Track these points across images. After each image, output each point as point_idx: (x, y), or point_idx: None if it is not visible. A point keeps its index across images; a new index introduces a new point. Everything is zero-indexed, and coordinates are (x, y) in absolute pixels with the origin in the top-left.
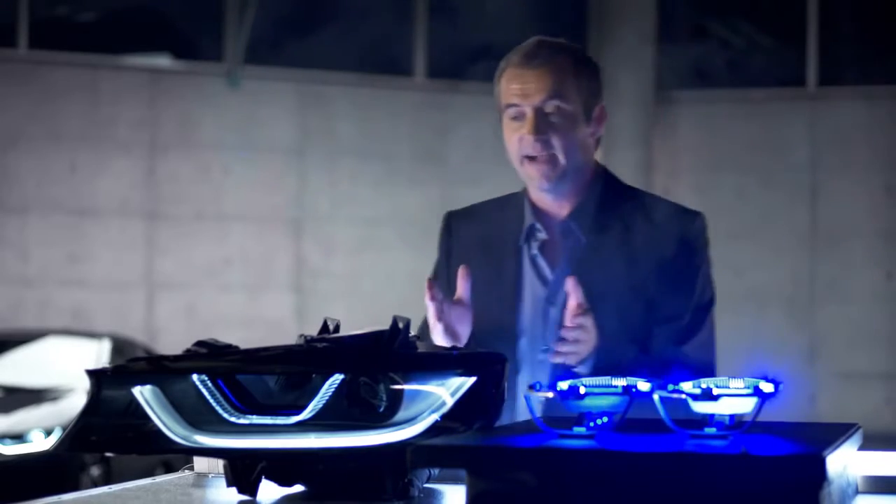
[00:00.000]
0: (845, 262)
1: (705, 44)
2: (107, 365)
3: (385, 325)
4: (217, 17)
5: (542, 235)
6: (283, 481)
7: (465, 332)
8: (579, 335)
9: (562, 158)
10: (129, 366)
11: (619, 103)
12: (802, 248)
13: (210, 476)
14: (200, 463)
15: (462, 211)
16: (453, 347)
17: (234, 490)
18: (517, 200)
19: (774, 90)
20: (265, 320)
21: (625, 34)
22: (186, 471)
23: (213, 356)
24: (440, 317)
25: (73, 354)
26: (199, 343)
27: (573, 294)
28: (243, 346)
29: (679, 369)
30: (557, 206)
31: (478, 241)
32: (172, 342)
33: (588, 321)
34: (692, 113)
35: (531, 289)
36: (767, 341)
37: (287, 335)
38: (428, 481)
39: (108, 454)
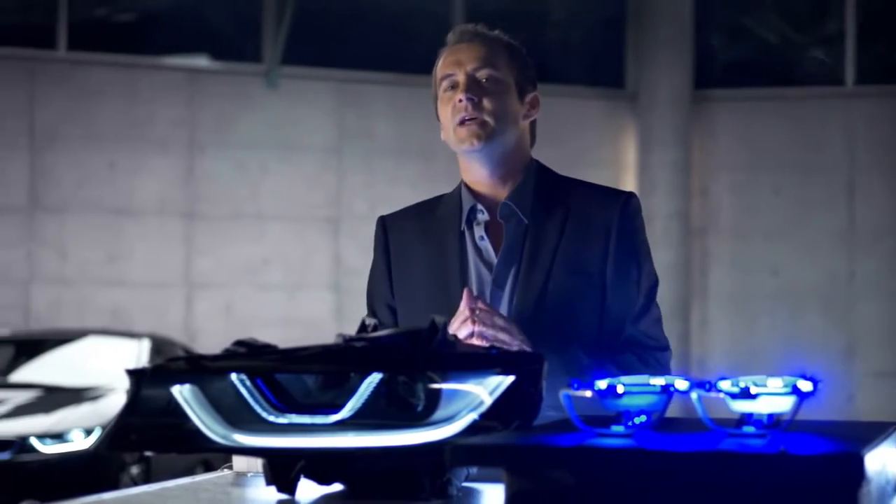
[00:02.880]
0: (882, 260)
1: (742, 42)
2: (146, 364)
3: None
4: (255, 17)
5: (483, 217)
6: (322, 480)
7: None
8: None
9: (491, 121)
10: (169, 365)
11: (656, 103)
12: (840, 246)
13: (249, 475)
14: (239, 462)
15: (396, 213)
16: (491, 346)
17: (273, 489)
18: (452, 193)
19: (812, 88)
20: (303, 320)
21: (662, 33)
22: (226, 470)
23: (251, 355)
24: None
25: (113, 354)
26: (238, 342)
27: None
28: (281, 345)
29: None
30: (494, 188)
31: (416, 235)
32: (211, 342)
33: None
34: (729, 112)
35: (476, 273)
36: (805, 340)
37: (325, 334)
38: (466, 480)
39: (148, 453)
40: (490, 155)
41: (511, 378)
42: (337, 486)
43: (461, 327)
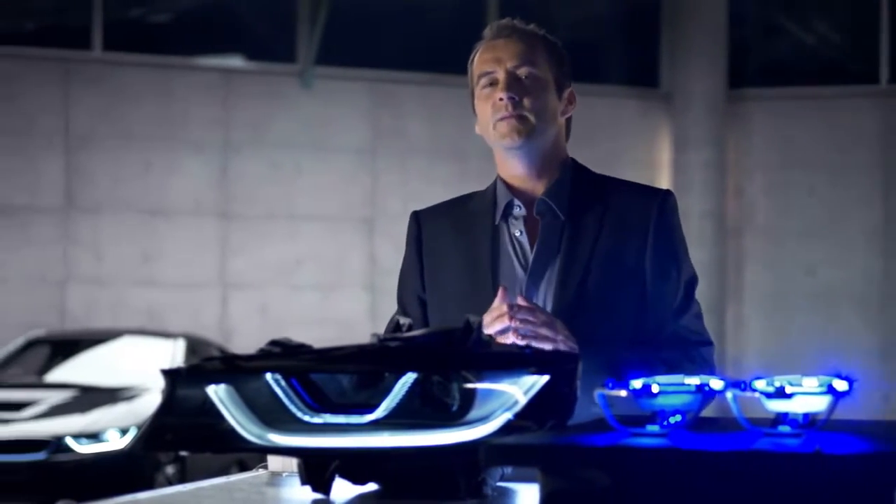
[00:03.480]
0: None
1: (776, 41)
2: (181, 364)
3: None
4: (289, 17)
5: (520, 212)
6: (357, 480)
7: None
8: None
9: (532, 118)
10: (204, 365)
11: (690, 102)
12: (874, 245)
13: (284, 475)
14: (274, 462)
15: (430, 207)
16: (526, 346)
17: (307, 489)
18: (487, 189)
19: (846, 87)
20: (338, 319)
21: (696, 33)
22: (260, 469)
23: (286, 355)
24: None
25: (148, 354)
26: (273, 342)
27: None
28: (316, 345)
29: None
30: (531, 183)
31: (449, 230)
32: (246, 342)
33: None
34: (764, 111)
35: (509, 268)
36: (840, 339)
37: (359, 334)
38: (501, 480)
39: (183, 453)
40: (529, 152)
41: (546, 377)
42: (371, 486)
43: (494, 323)
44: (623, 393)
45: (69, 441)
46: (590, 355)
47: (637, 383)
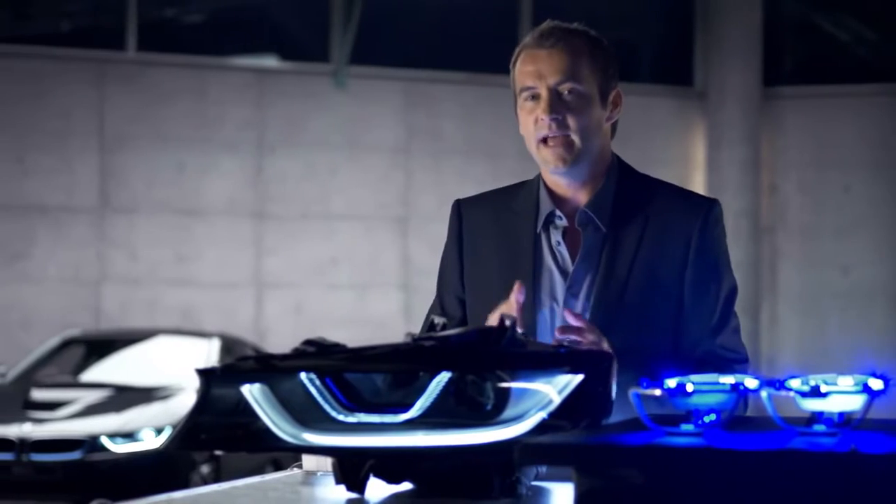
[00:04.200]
0: None
1: (811, 39)
2: (216, 364)
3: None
4: (323, 17)
5: (561, 223)
6: (392, 479)
7: None
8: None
9: (577, 140)
10: (238, 365)
11: (725, 100)
12: None
13: (318, 474)
14: (309, 461)
15: (473, 198)
16: (560, 345)
17: (342, 488)
18: (531, 186)
19: (881, 85)
20: (372, 319)
21: (731, 31)
22: (295, 469)
23: (321, 355)
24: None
25: (183, 354)
26: (307, 342)
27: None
28: (350, 344)
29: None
30: (574, 192)
31: (491, 226)
32: (280, 341)
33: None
34: (798, 109)
35: (549, 278)
36: (874, 338)
37: (394, 334)
38: (535, 479)
39: (218, 452)
40: (574, 173)
41: (580, 377)
42: (406, 486)
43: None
44: (657, 392)
45: (104, 440)
46: (621, 374)
47: (671, 382)
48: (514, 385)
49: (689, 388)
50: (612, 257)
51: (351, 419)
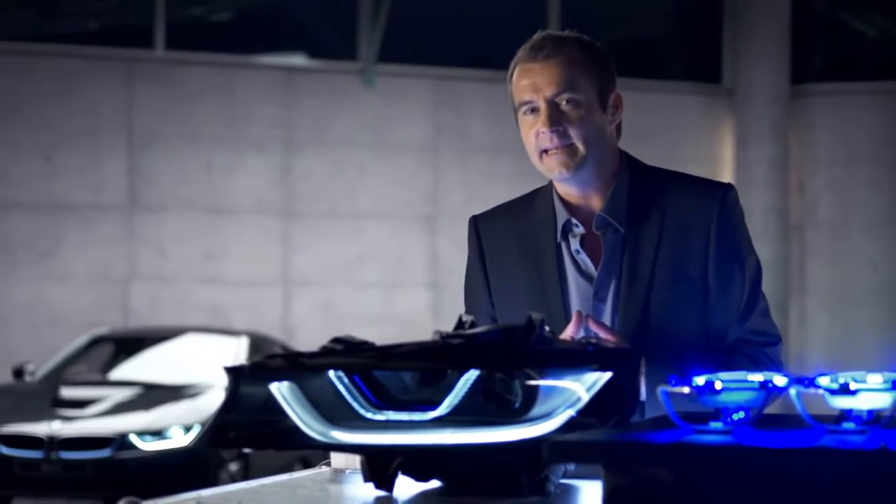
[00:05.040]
0: None
1: (839, 37)
2: (245, 362)
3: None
4: (351, 15)
5: (579, 230)
6: (420, 477)
7: None
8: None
9: (581, 147)
10: (267, 363)
11: (753, 98)
12: None
13: (347, 472)
14: (337, 459)
15: (488, 212)
16: (588, 343)
17: (370, 486)
18: (544, 196)
19: None
20: (400, 317)
21: (759, 29)
22: (324, 466)
23: (349, 353)
24: None
25: (212, 351)
26: (335, 340)
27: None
28: (378, 342)
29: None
30: (585, 198)
31: (511, 239)
32: (308, 339)
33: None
34: (826, 106)
35: (576, 285)
36: None
37: (422, 331)
38: (564, 477)
39: (246, 450)
40: (581, 179)
41: (608, 374)
42: (435, 483)
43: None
44: (686, 389)
45: (133, 438)
46: (654, 373)
47: (700, 380)
48: (542, 383)
49: (718, 385)
50: (634, 257)
51: (379, 417)
